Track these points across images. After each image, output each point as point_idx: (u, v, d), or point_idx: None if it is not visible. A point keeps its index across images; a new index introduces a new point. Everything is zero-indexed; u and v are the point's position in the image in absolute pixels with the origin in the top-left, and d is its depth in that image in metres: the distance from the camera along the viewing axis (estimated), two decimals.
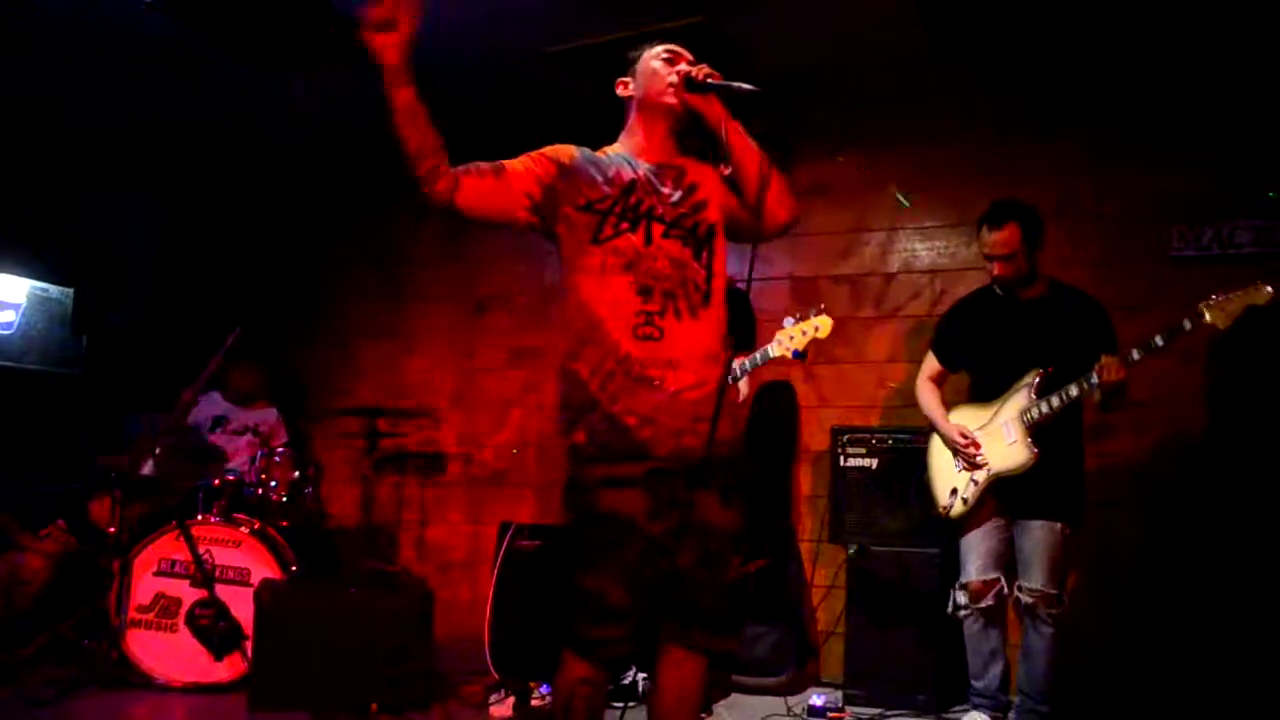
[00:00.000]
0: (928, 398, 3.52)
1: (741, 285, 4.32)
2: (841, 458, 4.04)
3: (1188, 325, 2.96)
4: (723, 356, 2.19)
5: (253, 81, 4.77)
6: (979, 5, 3.99)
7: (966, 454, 3.32)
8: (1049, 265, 3.99)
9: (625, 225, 2.15)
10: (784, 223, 2.23)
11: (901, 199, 3.81)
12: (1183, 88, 4.06)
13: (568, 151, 2.26)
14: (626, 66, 2.33)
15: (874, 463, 3.98)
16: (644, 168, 2.24)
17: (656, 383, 2.09)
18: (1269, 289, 2.90)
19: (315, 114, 5.26)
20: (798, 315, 3.03)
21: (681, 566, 2.09)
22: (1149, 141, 4.10)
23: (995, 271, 3.31)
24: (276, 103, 5.08)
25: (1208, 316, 2.94)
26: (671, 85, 2.19)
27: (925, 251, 4.48)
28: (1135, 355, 3.02)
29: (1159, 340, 2.99)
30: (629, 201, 2.17)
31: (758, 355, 3.25)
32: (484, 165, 2.19)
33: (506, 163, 2.22)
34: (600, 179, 2.20)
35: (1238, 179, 3.93)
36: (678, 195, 2.21)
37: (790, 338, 3.01)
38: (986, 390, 3.39)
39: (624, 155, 2.28)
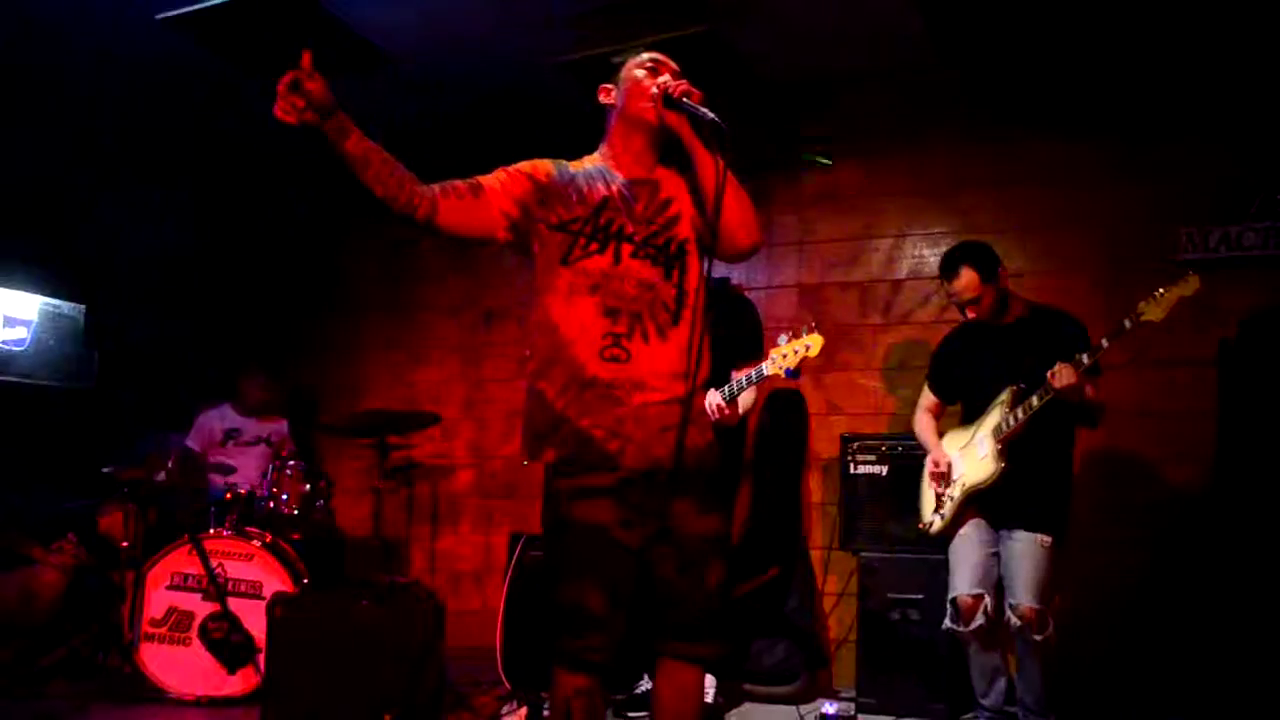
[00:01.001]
0: (923, 427, 3.59)
1: (749, 293, 4.35)
2: (851, 465, 4.03)
3: (1128, 324, 3.00)
4: (699, 372, 2.18)
5: (261, 95, 4.80)
6: (982, 12, 3.99)
7: (930, 480, 3.43)
8: (1059, 271, 4.00)
9: (594, 246, 2.16)
10: (743, 248, 2.20)
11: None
12: (1188, 90, 4.06)
13: (544, 168, 2.26)
14: (611, 73, 2.33)
15: (884, 470, 3.97)
16: (619, 182, 2.24)
17: (622, 399, 2.11)
18: (1197, 279, 2.95)
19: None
20: (790, 333, 3.05)
21: (663, 577, 2.11)
22: (1155, 144, 4.09)
23: (969, 315, 3.35)
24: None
25: (1145, 314, 2.98)
26: (652, 98, 2.18)
27: (933, 258, 4.47)
28: (1085, 360, 3.02)
29: (1104, 342, 3.01)
30: (599, 222, 2.18)
31: (752, 373, 3.27)
32: (461, 185, 2.19)
33: (484, 181, 2.21)
34: (575, 197, 2.20)
35: (1245, 181, 3.92)
36: (650, 212, 2.21)
37: (784, 355, 3.01)
38: (971, 413, 3.43)
39: (601, 168, 2.28)
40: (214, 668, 3.84)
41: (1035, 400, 3.10)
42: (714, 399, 3.33)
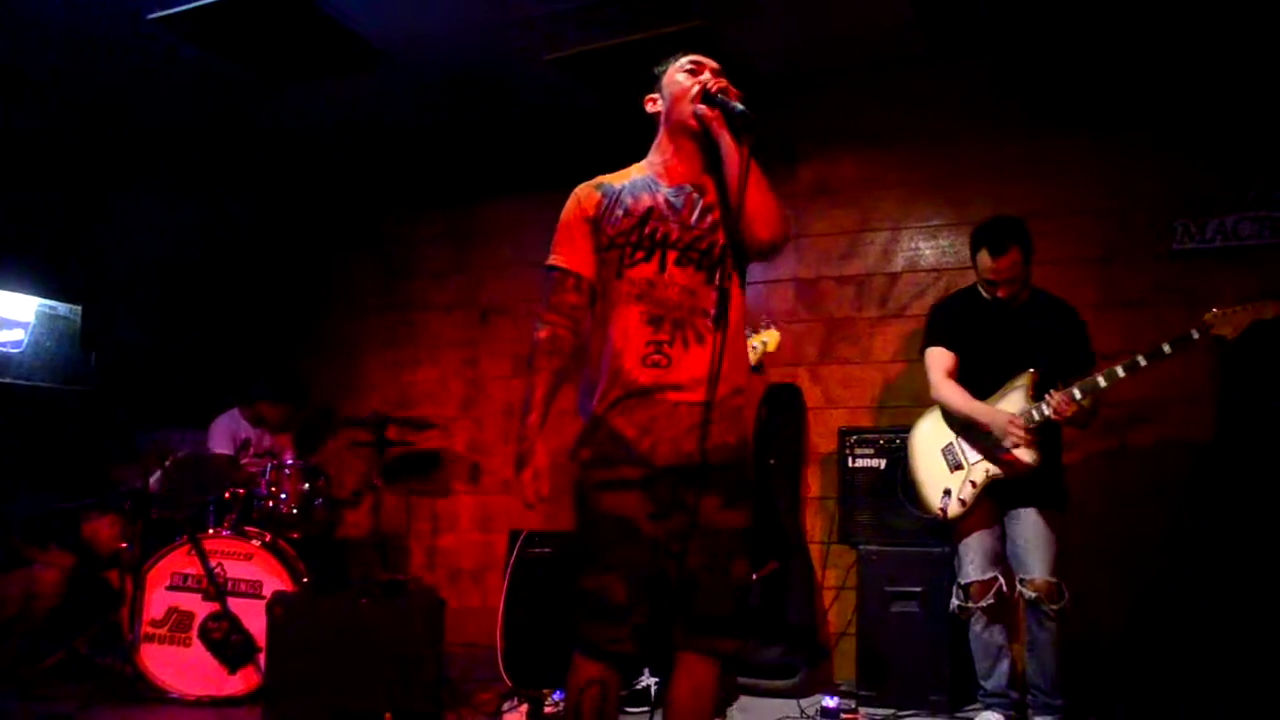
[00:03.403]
0: (953, 393, 3.35)
1: (746, 288, 4.35)
2: (849, 459, 4.04)
3: (1195, 335, 2.99)
4: (736, 376, 2.20)
5: (256, 94, 4.80)
6: (975, 4, 3.99)
7: (1015, 435, 3.16)
8: (1054, 262, 4.01)
9: (640, 255, 2.19)
10: (764, 241, 2.19)
11: None
12: (1182, 81, 4.06)
13: (592, 200, 2.27)
14: (654, 82, 2.35)
15: (882, 463, 3.97)
16: (664, 192, 2.25)
17: (659, 400, 2.15)
18: (1276, 304, 2.92)
19: (317, 125, 5.29)
20: (749, 329, 3.06)
21: (689, 571, 2.12)
22: (1150, 136, 4.09)
23: (1000, 294, 3.30)
24: (279, 115, 5.11)
25: (1215, 328, 2.96)
26: (691, 97, 2.21)
27: (929, 250, 4.48)
28: (1142, 362, 3.04)
29: (1166, 348, 3.01)
30: (644, 231, 2.21)
31: None
32: (570, 297, 2.25)
33: (568, 266, 2.25)
34: (620, 212, 2.23)
35: (1240, 171, 3.93)
36: (694, 217, 2.23)
37: (750, 349, 3.02)
38: (972, 391, 3.36)
39: (648, 178, 2.29)
40: (215, 668, 3.85)
41: (1078, 393, 3.10)
42: None
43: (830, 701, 3.59)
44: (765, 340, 3.00)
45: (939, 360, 3.43)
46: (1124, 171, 4.13)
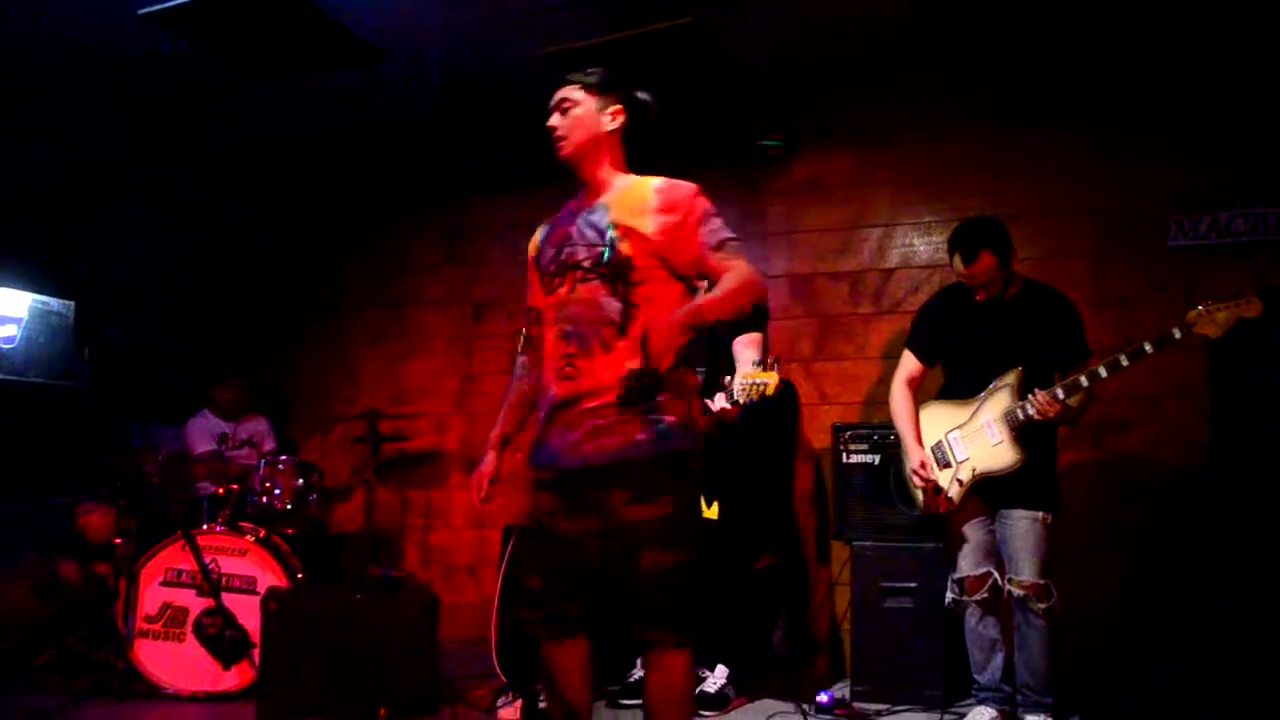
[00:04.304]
0: (902, 409, 3.43)
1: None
2: (844, 455, 4.03)
3: (1177, 334, 2.98)
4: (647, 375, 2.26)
5: (249, 90, 4.79)
6: (971, 1, 3.99)
7: (919, 486, 3.33)
8: (1049, 259, 4.01)
9: (557, 281, 2.37)
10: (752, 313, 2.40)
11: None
12: (1177, 78, 4.06)
13: (533, 242, 2.53)
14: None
15: (876, 459, 3.97)
16: (579, 216, 2.40)
17: (570, 408, 2.31)
18: (1259, 302, 2.90)
19: (311, 121, 5.28)
20: (755, 362, 3.05)
21: (605, 565, 2.29)
22: (1145, 133, 4.10)
23: (978, 297, 3.31)
24: (272, 111, 5.10)
25: (1198, 326, 2.95)
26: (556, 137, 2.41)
27: (924, 246, 4.48)
28: (1124, 361, 3.02)
29: (1148, 347, 2.99)
30: (560, 257, 2.38)
31: (724, 396, 3.29)
32: (535, 330, 2.52)
33: (529, 300, 2.54)
34: (547, 245, 2.45)
35: (1234, 168, 3.93)
36: (593, 234, 2.35)
37: (744, 390, 2.94)
38: (963, 387, 3.38)
39: (574, 205, 2.46)
40: (209, 663, 3.85)
41: (1061, 393, 3.09)
42: (719, 403, 3.33)
43: (825, 696, 3.61)
44: (765, 382, 2.77)
45: (904, 365, 3.51)
46: (1118, 168, 4.13)
